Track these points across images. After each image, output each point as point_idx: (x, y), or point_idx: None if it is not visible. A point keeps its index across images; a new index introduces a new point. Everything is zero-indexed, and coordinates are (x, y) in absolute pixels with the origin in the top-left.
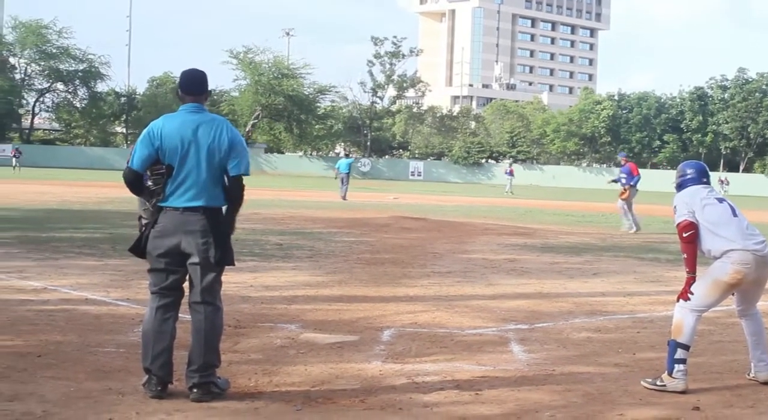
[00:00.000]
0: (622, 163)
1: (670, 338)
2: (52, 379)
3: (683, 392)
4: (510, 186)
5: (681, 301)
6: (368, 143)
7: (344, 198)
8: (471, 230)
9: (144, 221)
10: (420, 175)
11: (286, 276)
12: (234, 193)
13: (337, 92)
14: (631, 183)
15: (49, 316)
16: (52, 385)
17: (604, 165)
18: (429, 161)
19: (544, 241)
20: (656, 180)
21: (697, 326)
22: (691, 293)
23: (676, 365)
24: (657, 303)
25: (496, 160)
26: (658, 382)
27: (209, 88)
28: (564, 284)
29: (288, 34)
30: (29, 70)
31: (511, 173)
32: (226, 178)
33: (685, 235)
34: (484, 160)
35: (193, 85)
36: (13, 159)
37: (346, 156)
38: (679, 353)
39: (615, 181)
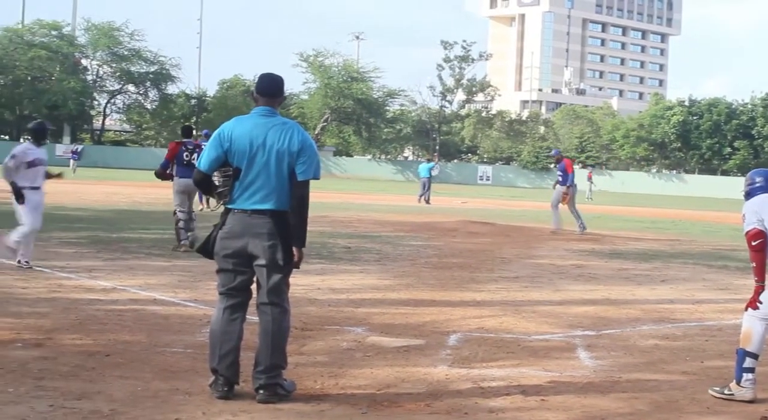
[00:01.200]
0: (557, 160)
1: (739, 347)
2: (120, 378)
3: (751, 401)
4: (590, 192)
5: (750, 309)
6: (437, 147)
7: (427, 202)
8: (539, 235)
9: (180, 214)
10: (488, 180)
11: (353, 279)
12: (298, 197)
13: (406, 96)
14: (568, 183)
15: (118, 316)
16: (119, 384)
17: (674, 171)
18: (497, 166)
19: (613, 247)
20: (726, 187)
21: (766, 335)
22: (760, 302)
23: (744, 374)
24: (726, 311)
25: None
26: (726, 391)
27: (284, 94)
28: (632, 291)
29: (358, 37)
30: (101, 72)
31: (589, 179)
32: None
33: (753, 243)
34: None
35: (268, 88)
36: (71, 160)
37: (427, 161)
38: (748, 362)
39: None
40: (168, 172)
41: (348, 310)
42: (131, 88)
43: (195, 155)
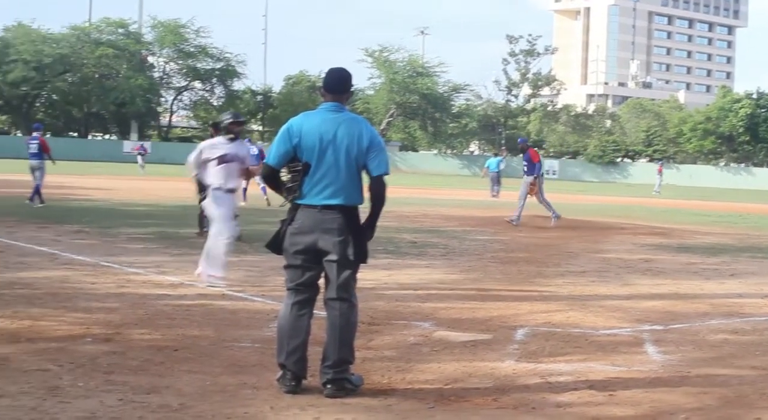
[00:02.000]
0: (521, 149)
1: None
2: (188, 372)
3: None
4: (659, 186)
5: None
6: (503, 142)
7: (496, 196)
8: (606, 229)
9: (202, 198)
10: (555, 174)
11: (420, 274)
12: (377, 193)
13: (471, 90)
14: (534, 174)
15: (186, 311)
16: (188, 378)
17: (742, 164)
18: (564, 160)
19: (681, 241)
20: None
21: None
22: None
23: None
24: None
25: (632, 159)
26: None
27: (351, 89)
28: (700, 285)
29: (423, 32)
30: (168, 69)
31: (659, 173)
32: (368, 178)
33: None
34: (619, 159)
35: (335, 84)
36: (138, 157)
37: (495, 155)
38: None
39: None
40: None
41: (415, 304)
42: (197, 84)
43: None
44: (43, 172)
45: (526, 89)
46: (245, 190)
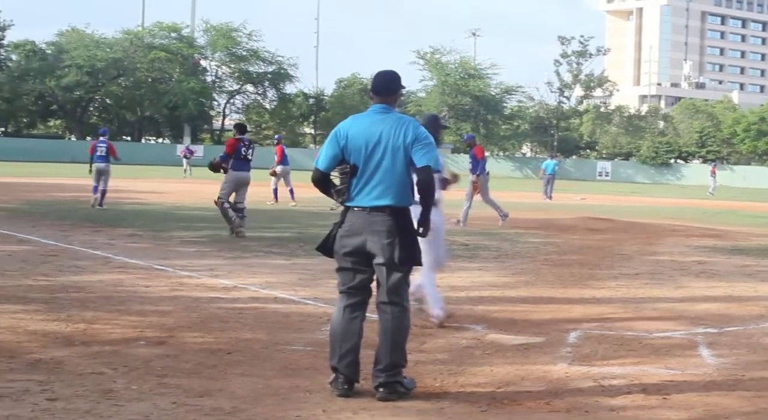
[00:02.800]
0: (468, 145)
1: None
2: (241, 375)
3: None
4: (713, 187)
5: None
6: (555, 143)
7: (549, 198)
8: (659, 231)
9: (223, 202)
10: (607, 176)
11: (472, 276)
12: (423, 184)
13: (523, 92)
14: (477, 172)
15: (239, 314)
16: (241, 381)
17: None
18: (616, 161)
19: (735, 243)
20: None
21: None
22: None
23: None
24: None
25: (685, 160)
26: None
27: (401, 89)
28: (755, 287)
29: (474, 34)
30: (220, 73)
31: (712, 174)
32: (414, 173)
33: None
34: (672, 161)
35: (382, 85)
36: (184, 160)
37: (551, 157)
38: None
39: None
40: (223, 165)
41: (467, 307)
42: (250, 88)
43: (250, 151)
44: (109, 176)
45: (578, 90)
46: (275, 190)
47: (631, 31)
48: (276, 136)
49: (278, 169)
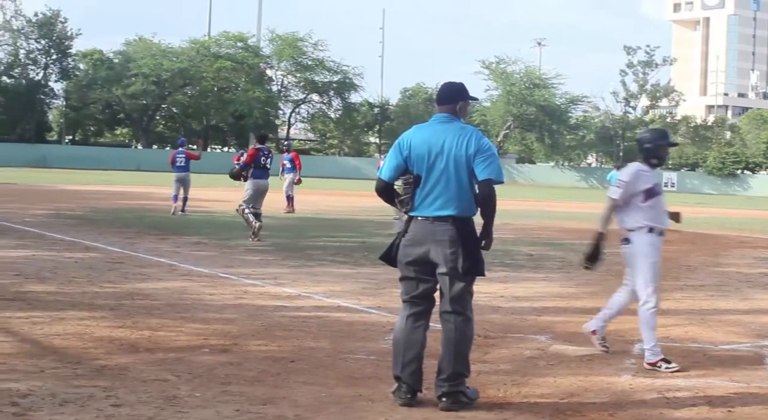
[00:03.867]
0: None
1: None
2: (304, 384)
3: None
4: None
5: None
6: (620, 154)
7: None
8: (725, 243)
9: (244, 208)
10: (673, 186)
11: (536, 287)
12: (484, 198)
13: (589, 102)
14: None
15: (303, 323)
16: (304, 390)
17: None
18: (682, 172)
19: None
20: None
21: None
22: None
23: None
24: None
25: (752, 171)
26: None
27: (467, 99)
28: None
29: (539, 44)
30: (285, 82)
31: None
32: (476, 185)
33: None
34: (739, 171)
35: (444, 95)
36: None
37: (616, 168)
38: None
39: None
40: (243, 173)
41: (531, 318)
42: (315, 97)
43: (269, 160)
44: (189, 184)
45: (644, 100)
46: (292, 198)
47: (697, 40)
48: (285, 143)
49: (290, 176)
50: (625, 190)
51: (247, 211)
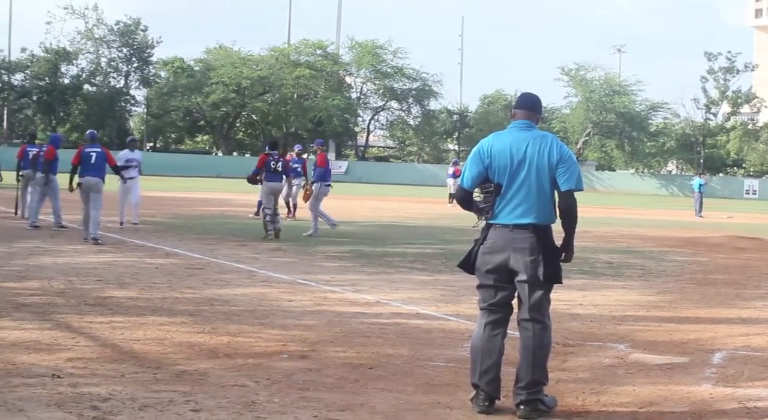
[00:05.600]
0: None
1: None
2: (382, 390)
3: None
4: None
5: None
6: (701, 161)
7: (700, 215)
8: None
9: (266, 210)
10: (755, 194)
11: (615, 295)
12: (566, 209)
13: (669, 109)
14: (313, 180)
15: (381, 329)
16: (382, 396)
17: None
18: (765, 179)
19: None
20: None
21: None
22: None
23: None
24: None
25: None
26: None
27: (541, 113)
28: None
29: (619, 50)
30: (365, 89)
31: None
32: (557, 194)
33: None
34: None
35: (525, 101)
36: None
37: (699, 175)
38: None
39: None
40: (258, 177)
41: (610, 326)
42: (394, 104)
43: (279, 164)
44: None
45: (725, 107)
46: (295, 205)
47: None
48: (296, 146)
49: (296, 181)
50: None
51: (267, 218)
